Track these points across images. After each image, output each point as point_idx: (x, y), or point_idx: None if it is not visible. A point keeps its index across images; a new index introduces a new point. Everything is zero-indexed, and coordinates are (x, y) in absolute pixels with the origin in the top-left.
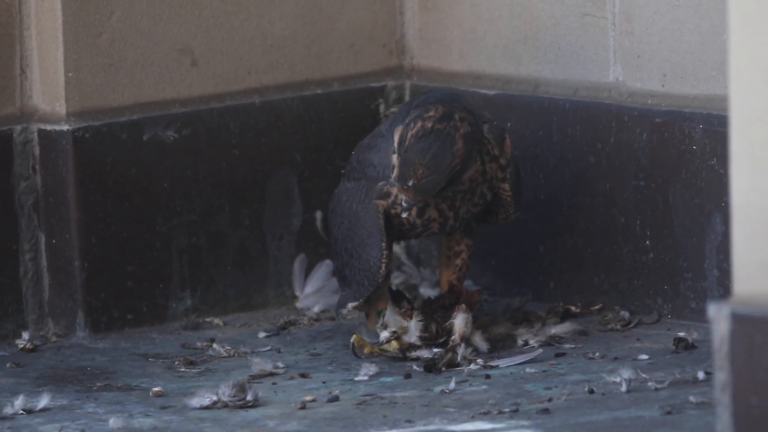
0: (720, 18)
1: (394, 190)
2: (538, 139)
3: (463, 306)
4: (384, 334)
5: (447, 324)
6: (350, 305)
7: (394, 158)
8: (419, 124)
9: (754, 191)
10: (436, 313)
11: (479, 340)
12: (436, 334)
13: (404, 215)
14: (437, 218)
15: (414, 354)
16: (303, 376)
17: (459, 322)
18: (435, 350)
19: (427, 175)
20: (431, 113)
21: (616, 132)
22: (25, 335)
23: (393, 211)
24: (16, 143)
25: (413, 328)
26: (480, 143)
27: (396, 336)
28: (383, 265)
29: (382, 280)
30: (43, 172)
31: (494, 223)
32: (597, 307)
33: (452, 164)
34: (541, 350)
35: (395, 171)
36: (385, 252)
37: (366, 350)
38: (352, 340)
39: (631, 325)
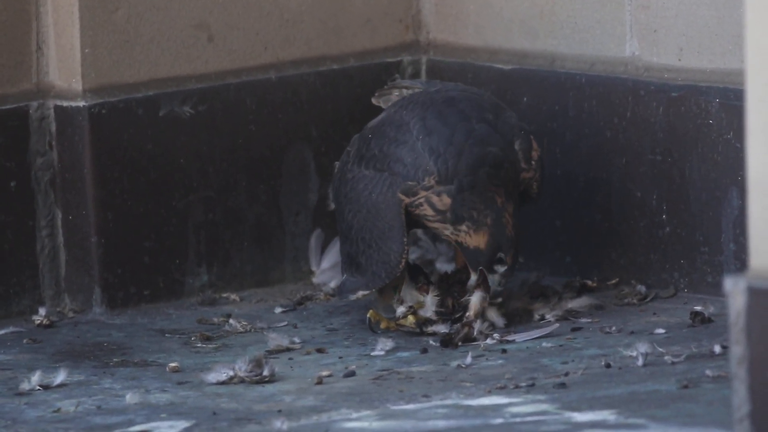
0: None
1: (423, 193)
2: (555, 113)
3: (482, 286)
4: (400, 309)
5: (463, 300)
6: (361, 293)
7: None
8: (506, 216)
9: None
10: (452, 288)
11: (495, 316)
12: (453, 309)
13: (499, 300)
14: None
15: (431, 329)
16: (319, 351)
17: (475, 299)
18: (452, 326)
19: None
20: (499, 201)
21: (632, 106)
22: (42, 311)
23: (413, 210)
24: (32, 119)
25: (429, 303)
26: (517, 172)
27: (412, 311)
28: (403, 261)
29: (400, 273)
30: (60, 148)
31: None
32: (613, 281)
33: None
34: (557, 325)
35: (509, 262)
36: (405, 248)
37: (382, 325)
38: (368, 315)
39: (648, 299)
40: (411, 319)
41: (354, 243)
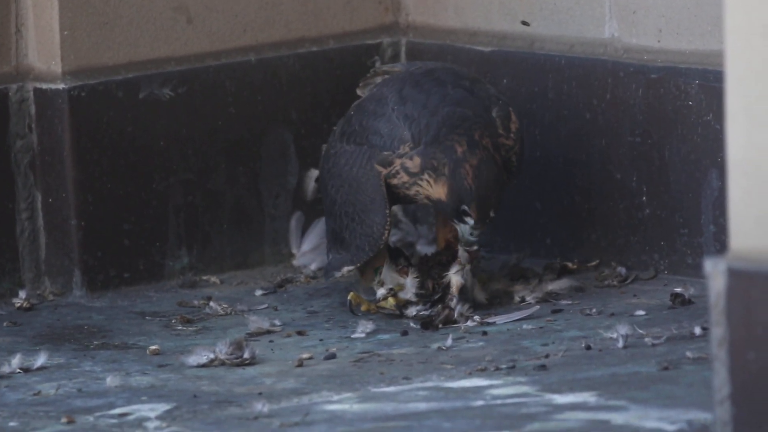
0: None
1: (398, 161)
2: (534, 95)
3: (459, 258)
4: (381, 292)
5: (443, 280)
6: (346, 269)
7: (468, 208)
8: (465, 167)
9: (750, 146)
10: (432, 270)
11: (477, 293)
12: (433, 291)
13: (474, 248)
14: None
15: (411, 311)
16: (300, 333)
17: (454, 276)
18: (433, 308)
19: (498, 200)
20: (459, 151)
21: (611, 88)
22: (22, 294)
23: (391, 180)
24: (11, 102)
25: (410, 285)
26: (493, 135)
27: (393, 293)
28: (386, 232)
29: (383, 245)
30: (39, 130)
31: None
32: (594, 263)
33: (503, 177)
34: (538, 307)
35: (474, 216)
36: (388, 219)
37: (363, 307)
38: (349, 298)
39: (628, 281)
40: (391, 301)
41: (338, 218)
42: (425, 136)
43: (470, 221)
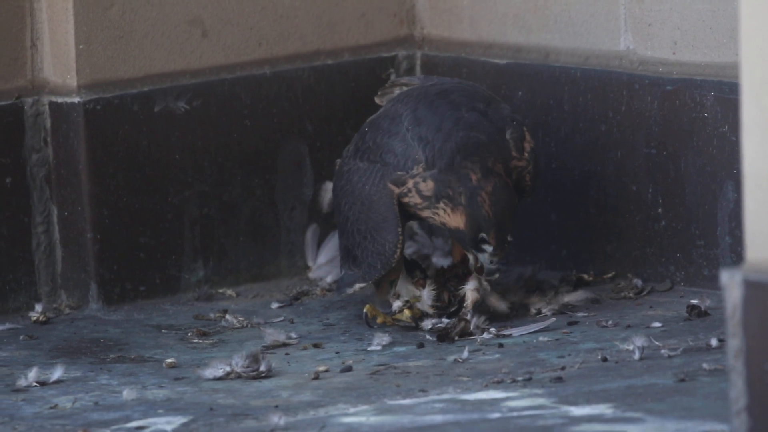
0: None
1: (411, 181)
2: (549, 108)
3: (475, 275)
4: (397, 304)
5: (459, 292)
6: (358, 285)
7: (487, 236)
8: (482, 195)
9: (766, 158)
10: (448, 283)
11: (497, 302)
12: (449, 303)
13: (496, 276)
14: None
15: (427, 323)
16: (316, 346)
17: (469, 291)
18: (446, 320)
19: (512, 224)
20: (474, 179)
21: (627, 100)
22: (38, 307)
23: (403, 199)
24: (27, 116)
25: (426, 297)
26: (506, 159)
27: (409, 305)
28: (398, 251)
29: (396, 264)
30: (55, 144)
31: None
32: (609, 275)
33: (515, 200)
34: (554, 319)
35: (493, 243)
36: (400, 237)
37: (379, 320)
38: (365, 310)
39: (644, 292)
40: (407, 313)
41: (350, 236)
42: (439, 160)
43: (489, 249)
